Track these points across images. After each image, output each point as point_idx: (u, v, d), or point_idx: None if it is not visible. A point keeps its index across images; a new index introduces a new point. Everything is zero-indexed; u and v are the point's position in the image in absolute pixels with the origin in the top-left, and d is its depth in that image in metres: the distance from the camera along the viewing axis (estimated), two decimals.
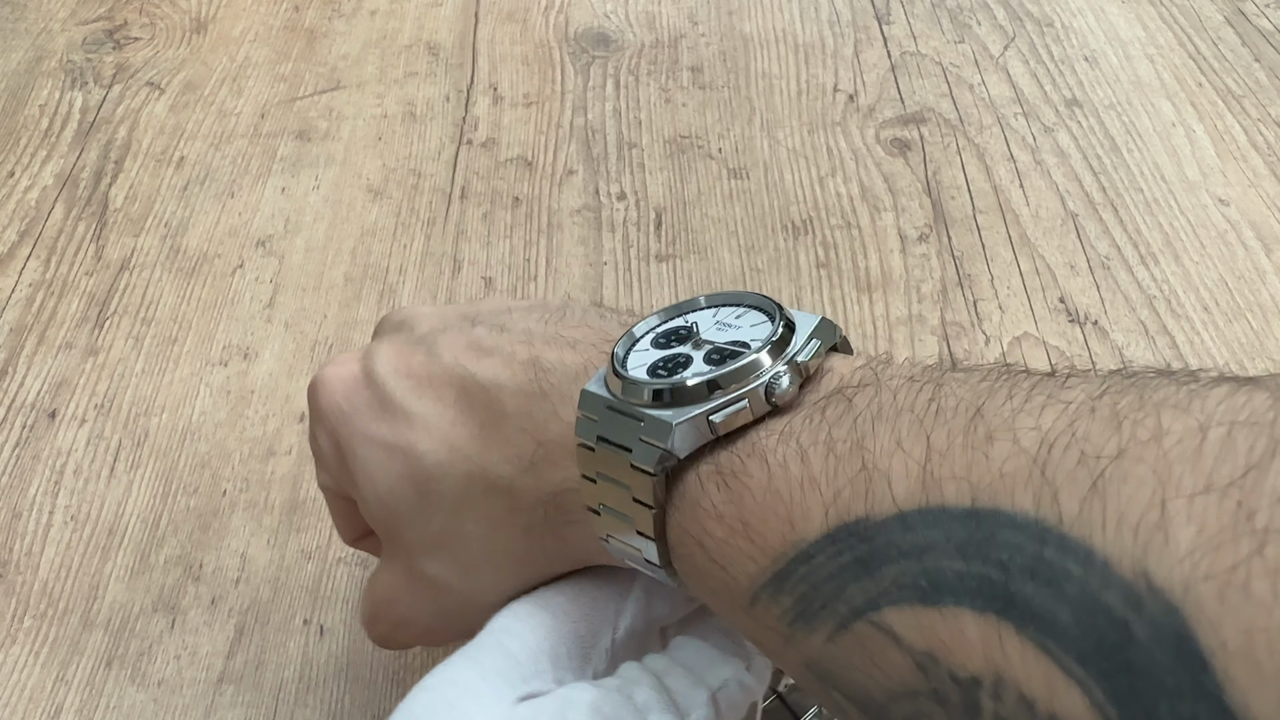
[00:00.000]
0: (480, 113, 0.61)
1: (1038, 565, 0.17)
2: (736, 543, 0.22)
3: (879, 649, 0.19)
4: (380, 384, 0.28)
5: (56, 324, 0.50)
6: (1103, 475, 0.16)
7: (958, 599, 0.17)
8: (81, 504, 0.43)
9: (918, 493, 0.19)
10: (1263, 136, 0.58)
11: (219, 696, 0.37)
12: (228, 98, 0.63)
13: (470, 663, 0.25)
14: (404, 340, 0.30)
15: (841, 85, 0.63)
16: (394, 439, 0.28)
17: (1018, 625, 0.17)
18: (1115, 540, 0.16)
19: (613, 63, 0.65)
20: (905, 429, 0.20)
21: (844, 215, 0.55)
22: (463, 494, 0.27)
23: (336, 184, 0.57)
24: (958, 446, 0.19)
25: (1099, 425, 0.17)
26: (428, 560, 0.28)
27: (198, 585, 0.40)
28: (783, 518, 0.21)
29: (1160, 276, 0.51)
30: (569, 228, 0.54)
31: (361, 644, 0.39)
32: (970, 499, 0.18)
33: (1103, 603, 0.16)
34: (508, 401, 0.26)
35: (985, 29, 0.67)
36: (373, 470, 0.28)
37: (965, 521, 0.18)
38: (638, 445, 0.23)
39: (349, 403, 0.29)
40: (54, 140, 0.60)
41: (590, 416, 0.24)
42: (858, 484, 0.20)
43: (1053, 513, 0.17)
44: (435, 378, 0.28)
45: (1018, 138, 0.59)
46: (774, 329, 0.24)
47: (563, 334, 0.28)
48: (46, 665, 0.38)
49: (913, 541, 0.18)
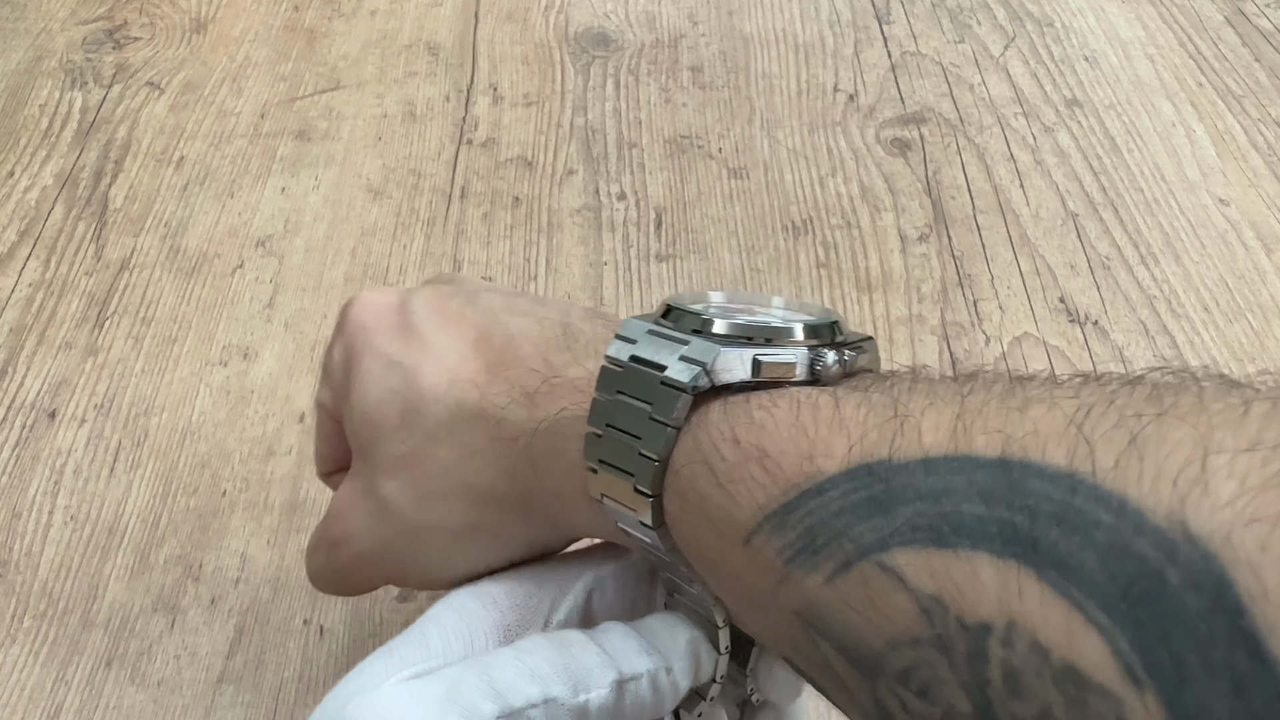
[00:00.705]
0: (480, 113, 0.61)
1: (1066, 512, 0.16)
2: (749, 468, 0.21)
3: (882, 591, 0.18)
4: (410, 312, 0.29)
5: (56, 324, 0.50)
6: (1142, 432, 0.16)
7: (975, 543, 0.17)
8: (81, 504, 0.43)
9: (946, 441, 0.18)
10: (1263, 136, 0.58)
11: (219, 696, 0.37)
12: (228, 98, 0.63)
13: (385, 654, 0.24)
14: (448, 289, 0.30)
15: (841, 85, 0.63)
16: (401, 357, 0.28)
17: (1039, 570, 0.16)
18: (1152, 491, 0.15)
19: (613, 63, 0.65)
20: (941, 393, 0.20)
21: (844, 215, 0.55)
22: (447, 420, 0.27)
23: (336, 184, 0.57)
24: (993, 407, 0.18)
25: (1139, 396, 0.17)
26: (388, 480, 0.28)
27: (198, 585, 0.40)
28: (803, 451, 0.20)
29: (1160, 276, 0.51)
30: (569, 228, 0.54)
31: (361, 644, 0.39)
32: (1000, 449, 0.17)
33: (1134, 550, 0.15)
34: (526, 348, 0.27)
35: (985, 29, 0.67)
36: (369, 381, 0.28)
37: (992, 470, 0.17)
38: (675, 364, 0.23)
39: (374, 320, 0.30)
40: (54, 140, 0.60)
41: (628, 338, 0.24)
42: (886, 429, 0.19)
43: (1086, 465, 0.16)
44: (465, 319, 0.29)
45: (1018, 138, 0.59)
46: (825, 323, 0.24)
47: (602, 314, 0.29)
48: (46, 665, 0.38)
49: (933, 485, 0.18)
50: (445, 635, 0.25)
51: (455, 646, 0.25)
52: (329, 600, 0.40)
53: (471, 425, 0.27)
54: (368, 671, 0.24)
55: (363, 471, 0.29)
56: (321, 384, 0.32)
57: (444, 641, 0.25)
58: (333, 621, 0.39)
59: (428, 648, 0.24)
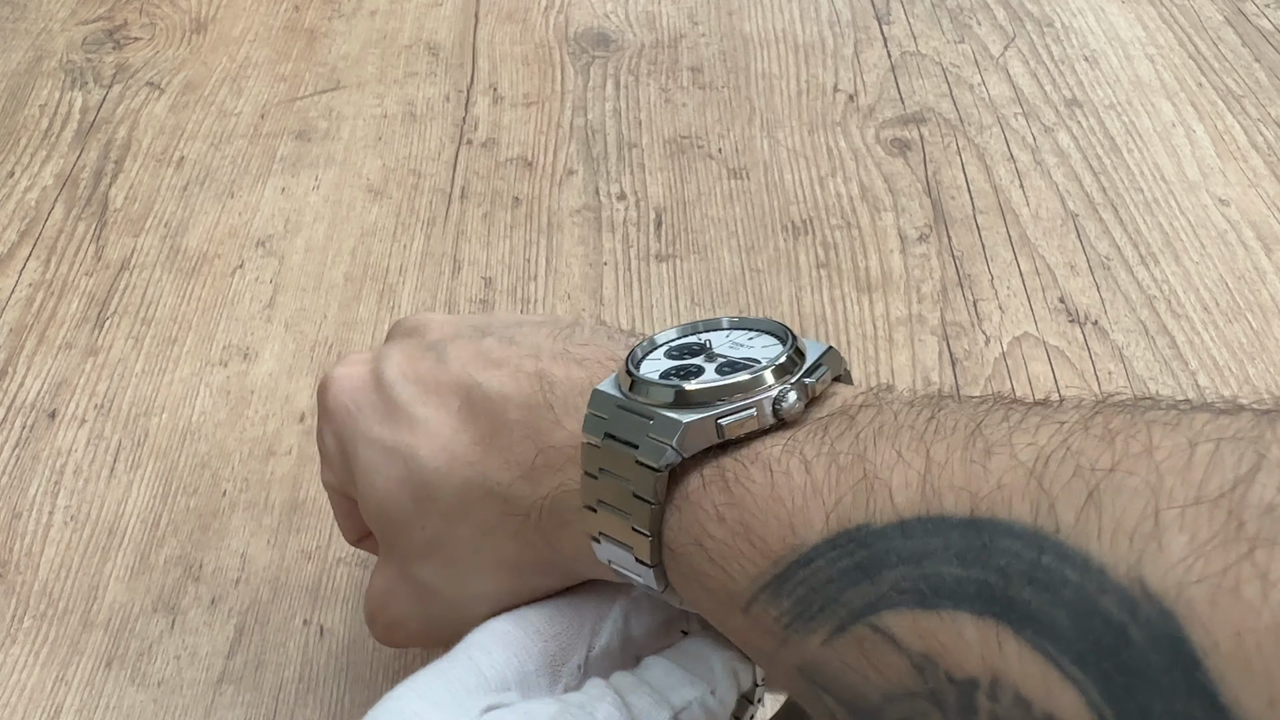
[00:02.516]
0: (480, 113, 0.61)
1: (1035, 571, 0.17)
2: (737, 544, 0.22)
3: (876, 651, 0.19)
4: (387, 387, 0.29)
5: (56, 324, 0.50)
6: (1098, 487, 0.17)
7: (956, 603, 0.18)
8: (81, 504, 0.43)
9: (917, 501, 0.19)
10: (1263, 136, 0.58)
11: (219, 696, 0.37)
12: (228, 98, 0.63)
13: (438, 675, 0.25)
14: (415, 345, 0.30)
15: (841, 85, 0.63)
16: (395, 442, 0.28)
17: (1016, 628, 0.17)
18: (1111, 548, 0.16)
19: (613, 63, 0.65)
20: (906, 443, 0.20)
21: (844, 215, 0.55)
22: (458, 500, 0.27)
23: (336, 184, 0.57)
24: (956, 459, 0.19)
25: (1092, 441, 0.18)
26: (420, 565, 0.29)
27: (198, 585, 0.40)
28: (784, 522, 0.21)
29: (1160, 276, 0.51)
30: (569, 228, 0.54)
31: (361, 644, 0.39)
32: (969, 508, 0.18)
33: (1099, 606, 0.16)
34: (511, 412, 0.27)
35: (985, 29, 0.67)
36: (372, 472, 0.29)
37: (964, 530, 0.18)
38: (645, 441, 0.24)
39: (355, 403, 0.30)
40: (54, 140, 0.60)
41: (599, 415, 0.25)
42: (859, 492, 0.20)
43: (1050, 522, 0.17)
44: (442, 385, 0.28)
45: (1018, 138, 0.59)
46: (784, 351, 0.25)
47: (571, 351, 0.28)
48: (46, 665, 0.38)
49: (912, 548, 0.19)
50: (494, 661, 0.26)
51: (507, 674, 0.26)
52: (329, 600, 0.40)
53: (483, 503, 0.27)
54: (427, 689, 0.24)
55: (393, 559, 0.30)
56: (323, 467, 0.32)
57: (494, 668, 0.26)
58: (333, 621, 0.39)
59: (480, 673, 0.25)
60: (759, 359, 0.25)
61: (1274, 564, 0.15)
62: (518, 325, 0.30)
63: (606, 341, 0.28)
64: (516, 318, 0.31)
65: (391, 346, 0.31)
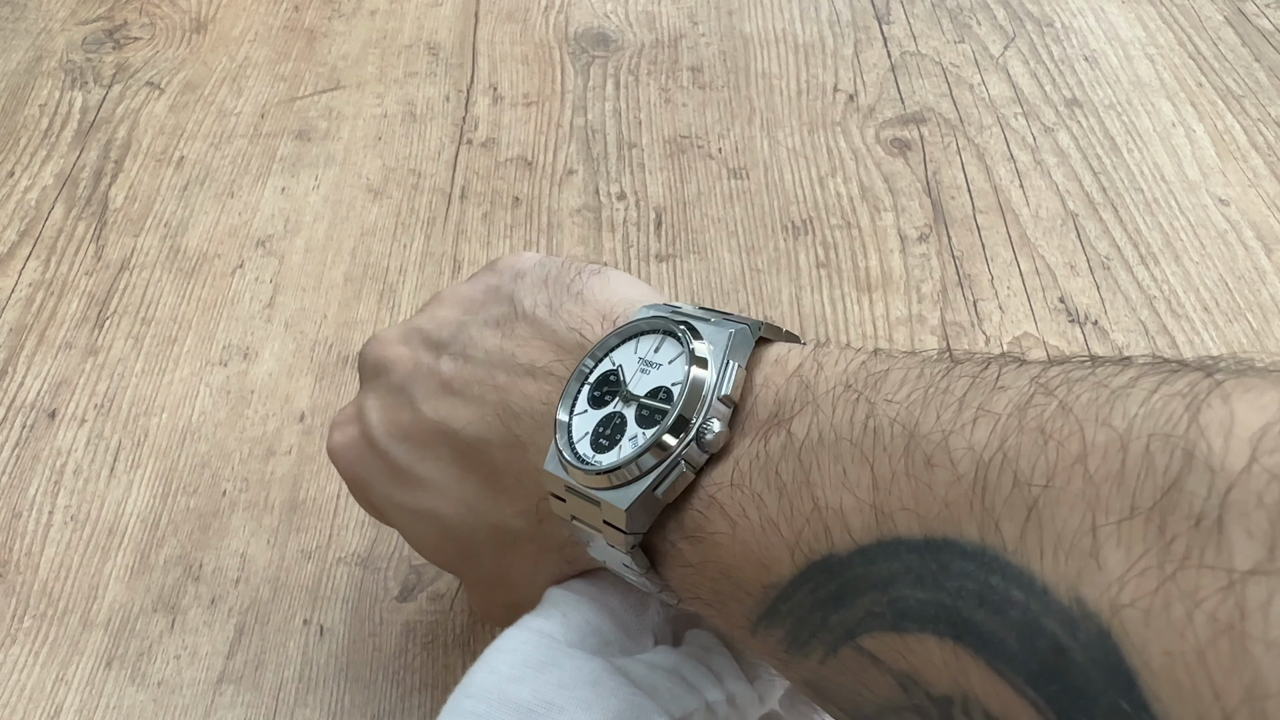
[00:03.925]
0: (480, 113, 0.61)
1: (986, 592, 0.17)
2: (724, 588, 0.23)
3: (864, 671, 0.20)
4: (383, 451, 0.31)
5: (56, 324, 0.50)
6: (1037, 502, 0.17)
7: (921, 626, 0.18)
8: (81, 504, 0.43)
9: (871, 526, 0.20)
10: (1263, 136, 0.58)
11: (219, 696, 0.37)
12: (228, 98, 0.63)
13: (561, 617, 0.27)
14: (385, 391, 0.31)
15: (841, 85, 0.63)
16: (416, 506, 0.30)
17: (974, 650, 0.18)
18: (1052, 566, 0.17)
19: (613, 63, 0.65)
20: (848, 460, 0.20)
21: (844, 215, 0.55)
22: (497, 545, 0.30)
23: (336, 184, 0.57)
24: (900, 475, 0.19)
25: (1028, 441, 0.18)
26: (493, 591, 0.32)
27: (198, 585, 0.40)
28: (755, 563, 0.22)
29: (1160, 276, 0.51)
30: (569, 228, 0.54)
31: (361, 644, 0.39)
32: (921, 531, 0.19)
33: (1044, 627, 0.17)
34: (496, 455, 0.28)
35: (985, 29, 0.67)
36: (412, 535, 0.32)
37: (920, 552, 0.19)
38: (603, 528, 0.25)
39: (365, 472, 0.31)
40: (54, 140, 0.60)
41: (558, 496, 0.26)
42: (814, 524, 0.21)
43: (996, 540, 0.18)
44: (426, 436, 0.30)
45: (1018, 138, 0.59)
46: (686, 371, 0.24)
47: (518, 357, 0.29)
48: (46, 665, 0.38)
49: (877, 573, 0.19)
50: (585, 615, 0.28)
51: (601, 625, 0.28)
52: (329, 600, 0.40)
53: (519, 545, 0.29)
54: (549, 632, 0.27)
55: (473, 589, 0.33)
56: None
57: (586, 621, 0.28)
58: (333, 621, 0.39)
59: (580, 625, 0.28)
60: (669, 387, 0.24)
61: (1201, 583, 0.15)
62: (464, 328, 0.30)
63: (549, 322, 0.29)
64: (459, 310, 0.31)
65: (367, 397, 0.32)
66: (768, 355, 0.24)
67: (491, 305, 0.30)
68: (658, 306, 0.27)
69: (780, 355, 0.24)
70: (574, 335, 0.28)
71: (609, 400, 0.26)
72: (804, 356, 0.24)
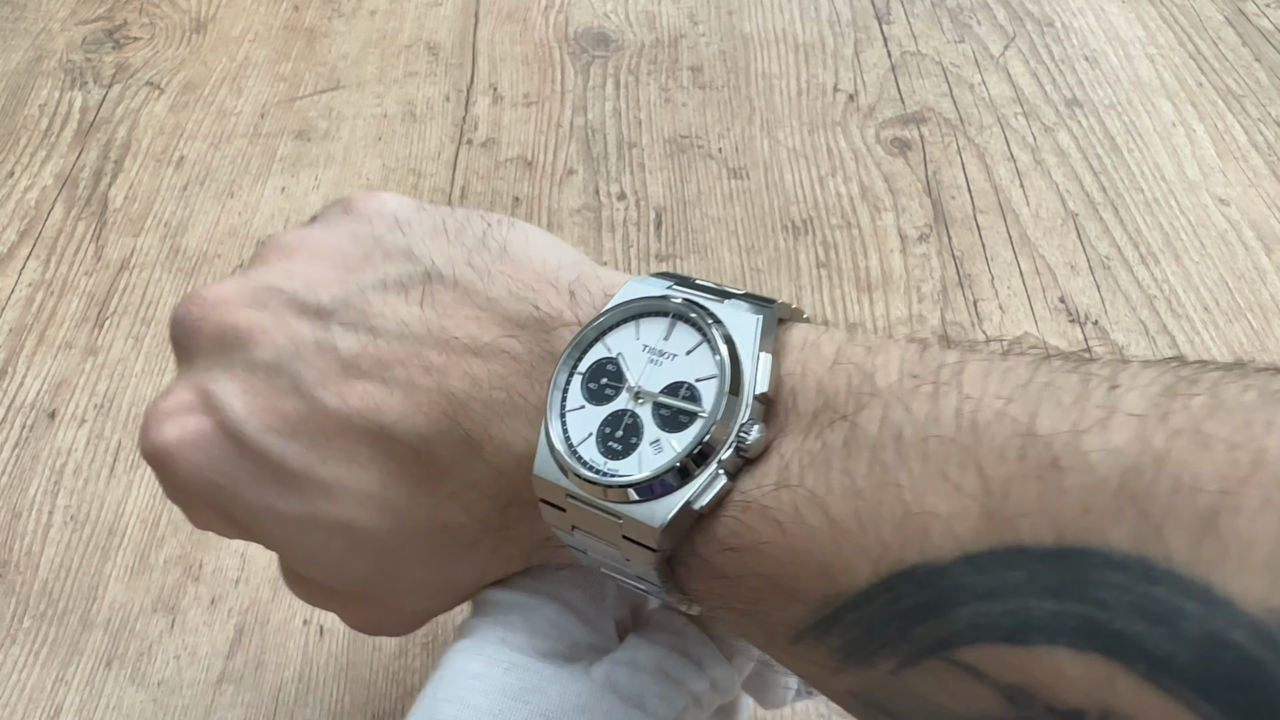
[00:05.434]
0: (480, 112, 0.61)
1: (1147, 604, 0.16)
2: (766, 597, 0.20)
3: (956, 683, 0.18)
4: (257, 449, 0.23)
5: (56, 324, 0.50)
6: (1213, 510, 0.16)
7: (1051, 638, 0.16)
8: (81, 504, 0.43)
9: (985, 533, 0.17)
10: (1263, 136, 0.58)
11: (219, 696, 0.37)
12: (228, 98, 0.63)
13: (523, 623, 0.24)
14: (246, 370, 0.24)
15: (841, 85, 0.63)
16: (315, 515, 0.23)
17: (1126, 663, 0.16)
18: (1238, 577, 0.15)
19: (613, 62, 0.65)
20: (946, 459, 0.18)
21: (844, 215, 0.55)
22: (435, 553, 0.24)
23: (336, 184, 0.57)
24: (1018, 477, 0.17)
25: (1184, 447, 0.16)
26: (416, 599, 0.26)
27: (198, 585, 0.40)
28: (816, 572, 0.19)
29: (1160, 276, 0.51)
30: (569, 228, 0.54)
31: (362, 644, 0.39)
32: (1053, 539, 0.17)
33: (1229, 640, 0.15)
34: (441, 453, 0.23)
35: (985, 29, 0.67)
36: (302, 552, 0.24)
37: (1052, 562, 0.17)
38: (621, 543, 0.21)
39: (223, 475, 0.24)
40: (54, 140, 0.60)
41: (555, 505, 0.22)
42: (907, 531, 0.18)
43: (1159, 550, 0.16)
44: (329, 431, 0.23)
45: (1018, 137, 0.59)
46: (721, 364, 0.21)
47: (450, 330, 0.23)
48: (46, 665, 0.38)
49: (988, 584, 0.17)
50: (546, 624, 0.25)
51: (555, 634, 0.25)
52: None
53: (467, 551, 0.24)
54: (489, 653, 0.23)
55: (383, 602, 0.27)
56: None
57: (544, 633, 0.25)
58: (333, 621, 0.39)
59: (540, 633, 0.24)
60: (693, 384, 0.21)
61: None
62: (355, 291, 0.24)
63: (481, 289, 0.24)
64: (331, 267, 0.25)
65: (214, 378, 0.24)
66: (791, 339, 0.21)
67: (381, 261, 0.24)
68: (646, 280, 0.23)
69: (807, 339, 0.21)
70: (525, 306, 0.23)
71: (610, 394, 0.22)
72: (839, 341, 0.21)
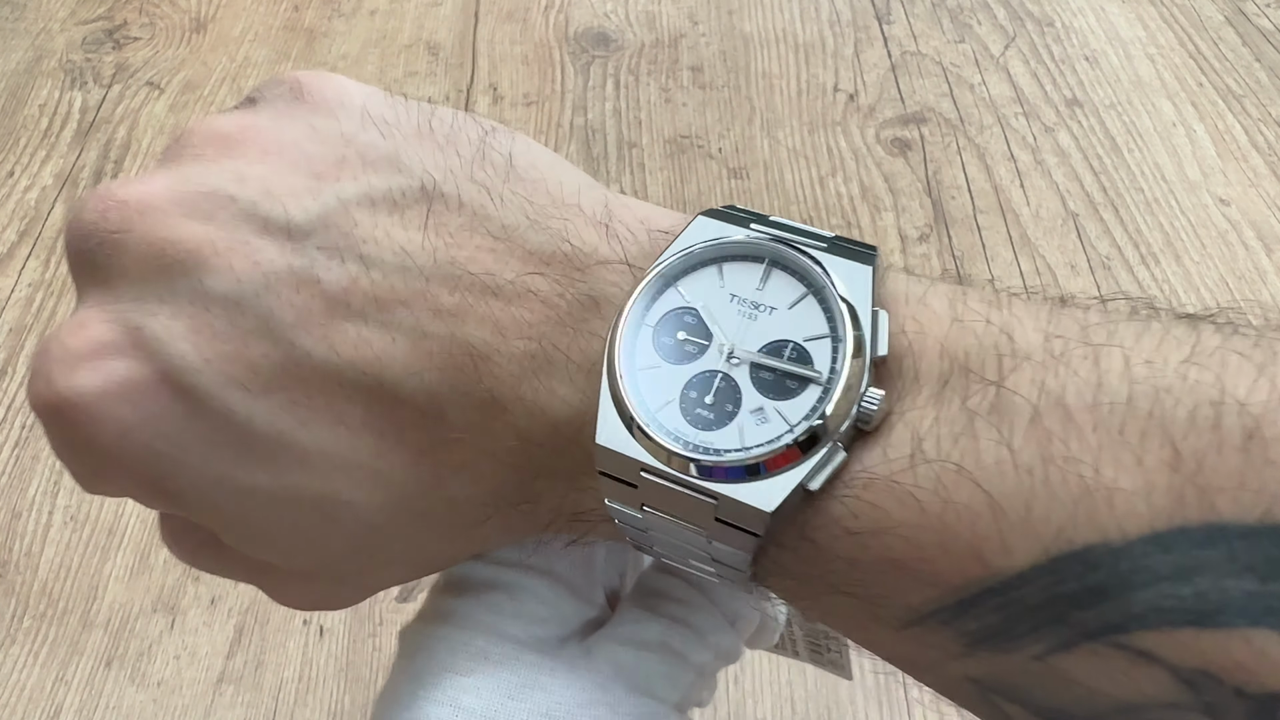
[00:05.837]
0: (480, 112, 0.61)
1: None
2: (884, 580, 0.18)
3: (1120, 667, 0.16)
4: (215, 408, 0.18)
5: (56, 324, 0.50)
6: None
7: (1253, 620, 0.15)
8: (81, 504, 0.43)
9: (1174, 510, 0.16)
10: (1263, 136, 0.58)
11: (219, 696, 0.37)
12: (227, 97, 0.63)
13: (509, 600, 0.22)
14: (198, 305, 0.18)
15: (842, 85, 0.63)
16: (287, 489, 0.19)
17: None
18: None
19: (613, 62, 0.65)
20: (1125, 429, 0.16)
21: (844, 215, 0.55)
22: (433, 531, 0.21)
23: None
24: (1213, 449, 0.16)
25: None
26: (379, 576, 0.22)
27: (198, 585, 0.40)
28: (960, 554, 0.17)
29: (1161, 276, 0.51)
30: None
31: (361, 644, 0.39)
32: (1259, 516, 0.15)
33: None
34: (452, 416, 0.19)
35: (985, 29, 0.67)
36: (266, 532, 0.20)
37: (1256, 539, 0.16)
38: (713, 526, 0.18)
39: (162, 438, 0.18)
40: (54, 140, 0.60)
41: (625, 481, 0.18)
42: (1082, 509, 0.16)
43: None
44: (311, 386, 0.18)
45: (1018, 137, 0.59)
46: (840, 322, 0.18)
47: (464, 264, 0.19)
48: (46, 665, 0.38)
49: (1175, 563, 0.16)
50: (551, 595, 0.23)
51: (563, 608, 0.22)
52: None
53: (473, 528, 0.21)
54: (484, 627, 0.21)
55: (349, 579, 0.23)
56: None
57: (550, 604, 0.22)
58: (333, 621, 0.39)
59: (546, 602, 0.22)
60: (798, 343, 0.18)
61: None
62: (335, 204, 0.19)
63: (497, 214, 0.19)
64: (293, 170, 0.19)
65: (150, 306, 0.18)
66: (894, 293, 0.19)
67: (360, 169, 0.19)
68: (719, 215, 0.20)
69: (910, 292, 0.19)
70: (550, 238, 0.19)
71: (692, 352, 0.19)
72: (950, 296, 0.18)
